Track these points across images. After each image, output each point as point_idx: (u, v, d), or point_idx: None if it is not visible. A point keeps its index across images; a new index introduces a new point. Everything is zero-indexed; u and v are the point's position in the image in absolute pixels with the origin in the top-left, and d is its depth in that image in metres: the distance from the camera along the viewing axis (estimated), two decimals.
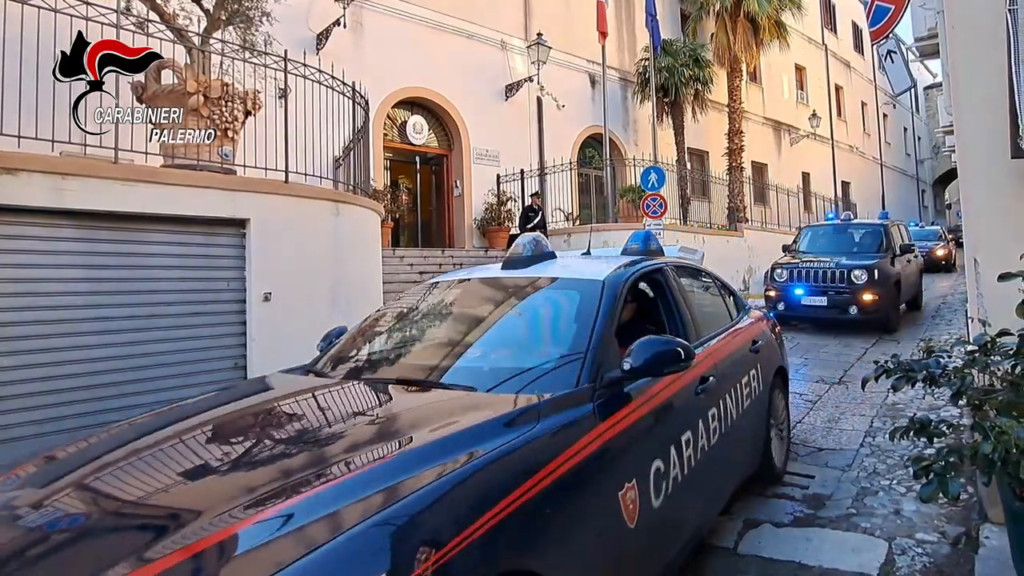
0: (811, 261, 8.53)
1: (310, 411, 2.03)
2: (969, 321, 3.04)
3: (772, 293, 8.59)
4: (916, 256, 10.03)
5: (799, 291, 8.27)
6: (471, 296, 2.82)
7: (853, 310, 7.80)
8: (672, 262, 3.05)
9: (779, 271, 8.62)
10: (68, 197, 4.20)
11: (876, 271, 7.87)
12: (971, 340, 2.34)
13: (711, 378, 2.56)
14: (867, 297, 7.76)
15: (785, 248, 9.94)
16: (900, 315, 8.73)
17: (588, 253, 3.26)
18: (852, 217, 11.23)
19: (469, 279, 2.89)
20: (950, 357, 2.33)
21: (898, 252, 8.68)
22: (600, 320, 2.16)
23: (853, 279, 7.84)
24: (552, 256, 2.85)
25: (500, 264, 2.87)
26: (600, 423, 1.83)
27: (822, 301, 8.07)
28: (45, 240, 4.22)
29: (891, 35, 5.40)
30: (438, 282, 2.96)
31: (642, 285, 2.85)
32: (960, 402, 2.20)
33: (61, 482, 1.56)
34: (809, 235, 10.00)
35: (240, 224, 5.12)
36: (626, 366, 1.95)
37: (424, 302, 2.86)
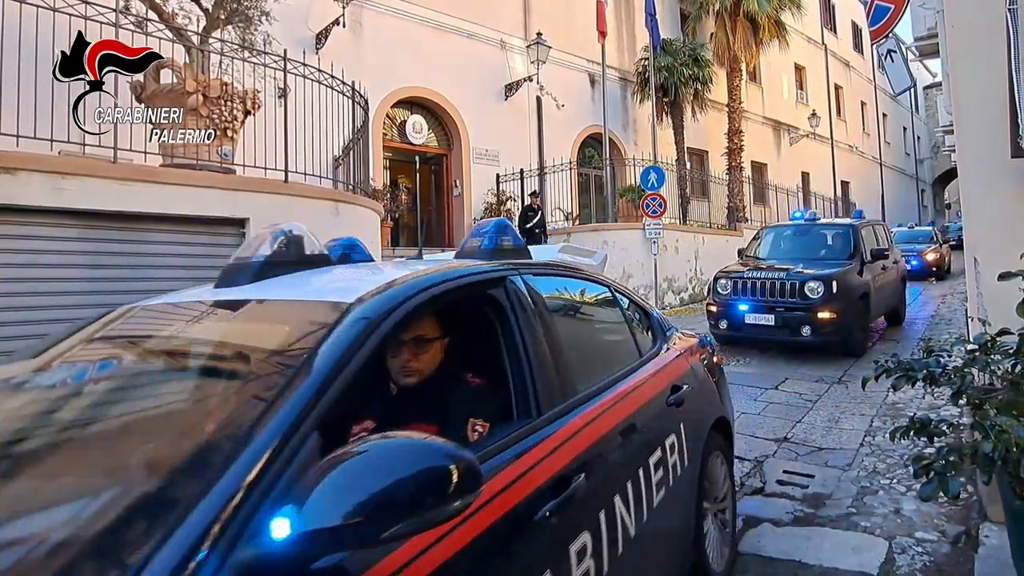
0: (760, 269, 7.19)
1: None
2: (969, 320, 3.04)
3: (714, 308, 7.18)
4: (896, 262, 8.65)
5: (743, 307, 6.85)
6: (127, 346, 1.52)
7: (806, 331, 6.42)
8: (533, 269, 1.89)
9: (722, 282, 7.17)
10: (67, 197, 4.20)
11: (835, 283, 6.50)
12: (971, 339, 2.34)
13: (580, 477, 1.48)
14: (823, 315, 6.38)
15: (740, 253, 8.45)
16: (867, 337, 7.30)
17: (420, 256, 2.06)
18: (817, 216, 9.34)
19: (136, 308, 1.63)
20: (950, 357, 2.33)
21: (869, 258, 7.25)
22: (296, 403, 1.01)
23: (807, 292, 6.49)
24: (325, 261, 1.76)
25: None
26: None
27: (768, 320, 6.67)
28: (44, 240, 4.21)
29: (891, 34, 5.40)
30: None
31: (464, 310, 1.69)
32: (960, 401, 2.20)
33: None
34: (770, 237, 8.43)
35: (240, 224, 5.11)
36: (279, 532, 0.85)
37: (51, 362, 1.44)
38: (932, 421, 2.17)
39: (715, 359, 2.90)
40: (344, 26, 10.03)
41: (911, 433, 2.18)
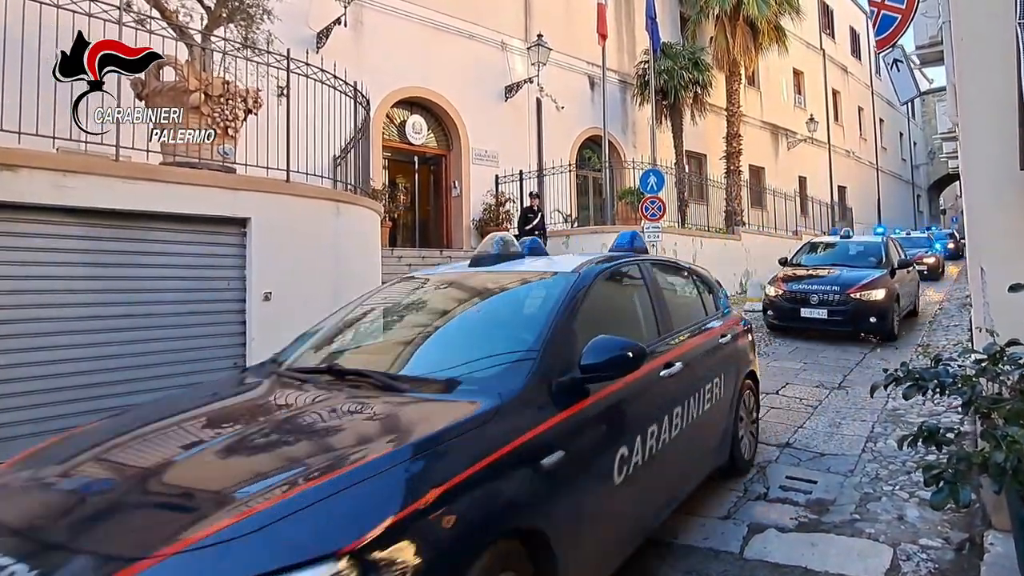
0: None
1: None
2: (976, 331, 3.05)
3: None
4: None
5: None
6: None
7: None
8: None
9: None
10: (69, 194, 4.17)
11: None
12: (978, 349, 2.35)
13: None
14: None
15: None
16: None
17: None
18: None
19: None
20: (959, 367, 2.34)
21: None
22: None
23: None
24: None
25: None
26: None
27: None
28: (45, 237, 4.18)
29: (897, 44, 5.44)
30: None
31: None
32: (969, 410, 2.21)
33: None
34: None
35: (241, 223, 5.09)
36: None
37: None
38: (940, 429, 2.18)
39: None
40: (345, 25, 10.01)
41: (919, 441, 2.18)
